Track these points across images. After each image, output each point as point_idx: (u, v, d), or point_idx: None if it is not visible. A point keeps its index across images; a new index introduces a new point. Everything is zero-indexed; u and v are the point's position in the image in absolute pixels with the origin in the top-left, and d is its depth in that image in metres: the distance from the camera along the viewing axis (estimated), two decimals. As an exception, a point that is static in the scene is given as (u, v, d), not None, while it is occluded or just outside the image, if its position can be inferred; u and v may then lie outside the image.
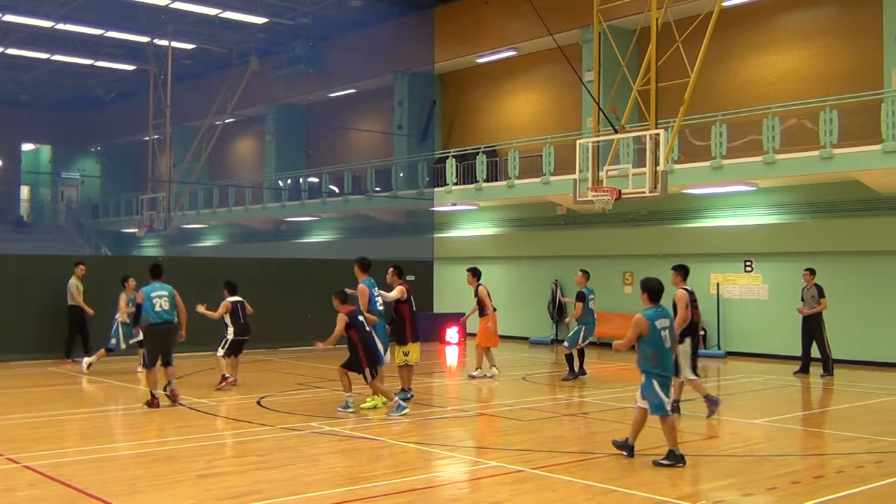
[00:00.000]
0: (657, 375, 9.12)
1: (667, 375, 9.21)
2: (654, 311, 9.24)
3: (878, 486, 8.34)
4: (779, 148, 19.81)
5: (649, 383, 9.13)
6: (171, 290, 13.05)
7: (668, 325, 9.29)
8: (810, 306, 17.45)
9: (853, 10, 21.55)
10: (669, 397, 9.31)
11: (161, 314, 12.88)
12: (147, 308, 12.87)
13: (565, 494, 7.97)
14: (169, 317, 12.95)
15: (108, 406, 13.46)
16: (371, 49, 31.55)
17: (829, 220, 20.61)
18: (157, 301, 12.89)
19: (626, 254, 24.12)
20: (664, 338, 9.17)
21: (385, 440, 10.48)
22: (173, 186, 35.91)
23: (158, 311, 12.84)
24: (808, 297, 17.58)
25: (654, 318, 9.17)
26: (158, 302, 12.89)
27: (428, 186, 28.18)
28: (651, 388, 9.12)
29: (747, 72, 23.44)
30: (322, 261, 25.54)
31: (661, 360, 9.15)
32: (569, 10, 23.57)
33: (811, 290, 17.53)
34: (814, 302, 17.41)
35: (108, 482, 8.38)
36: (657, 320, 9.17)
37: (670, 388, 9.40)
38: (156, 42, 33.41)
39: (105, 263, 25.29)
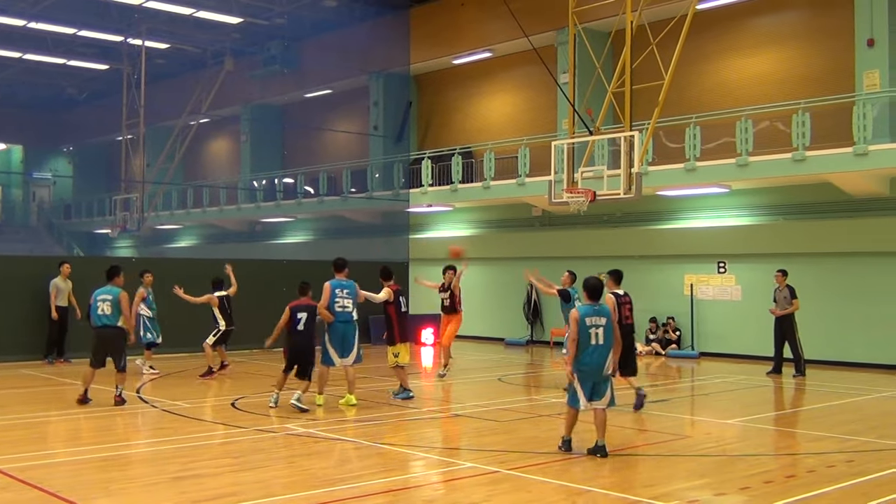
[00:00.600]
0: (577, 369, 9.52)
1: (584, 370, 9.50)
2: (588, 308, 9.62)
3: (848, 485, 8.43)
4: (752, 150, 19.99)
5: (575, 378, 9.58)
6: (115, 295, 12.94)
7: (602, 323, 9.55)
8: (783, 307, 17.62)
9: (825, 14, 21.78)
10: (588, 393, 9.54)
11: (101, 318, 12.86)
12: (92, 311, 12.94)
13: (541, 495, 8.00)
14: (108, 321, 12.86)
15: (81, 408, 13.32)
16: (347, 50, 31.49)
17: (802, 222, 20.81)
18: (100, 304, 12.88)
19: (601, 255, 24.17)
20: (591, 334, 9.49)
21: (361, 442, 10.47)
22: (147, 187, 35.67)
23: (99, 314, 12.84)
24: (780, 298, 17.75)
25: (586, 315, 9.54)
26: (101, 306, 12.87)
27: (403, 187, 28.17)
28: (574, 382, 9.56)
29: (721, 74, 23.62)
30: (297, 262, 25.45)
31: (584, 354, 9.49)
32: (544, 12, 23.65)
33: (783, 291, 17.70)
34: (786, 303, 17.58)
35: (81, 485, 8.32)
36: (588, 317, 9.53)
37: (593, 383, 9.56)
38: (129, 41, 33.19)
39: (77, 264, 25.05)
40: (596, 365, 9.50)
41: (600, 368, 9.52)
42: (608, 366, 9.56)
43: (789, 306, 17.55)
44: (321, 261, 25.34)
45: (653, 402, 13.91)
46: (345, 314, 13.16)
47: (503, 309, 26.18)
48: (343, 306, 13.16)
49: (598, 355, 9.51)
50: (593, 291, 9.72)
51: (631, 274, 23.07)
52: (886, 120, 19.05)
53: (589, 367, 9.50)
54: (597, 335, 9.49)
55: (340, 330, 13.16)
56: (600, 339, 9.49)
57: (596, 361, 9.50)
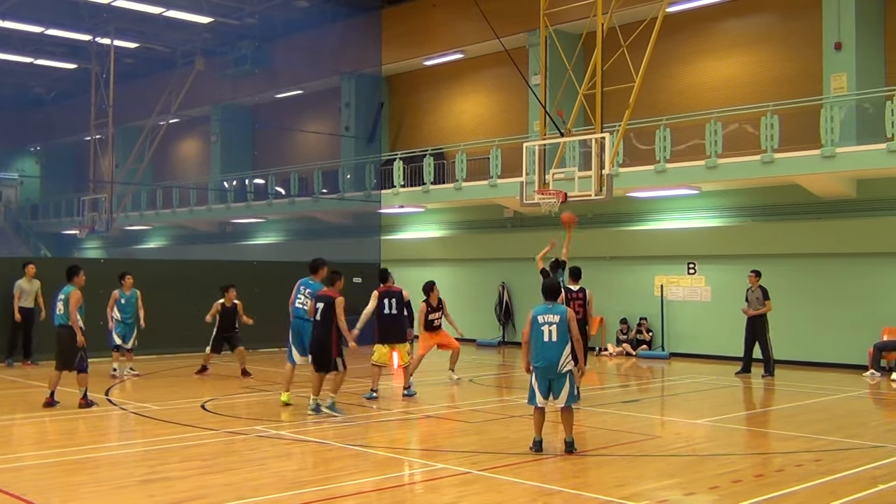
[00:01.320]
0: (532, 367, 9.75)
1: (539, 367, 9.68)
2: (542, 307, 9.81)
3: (817, 483, 8.51)
4: (721, 152, 20.15)
5: (532, 377, 9.79)
6: (67, 293, 12.77)
7: (556, 321, 9.69)
8: (755, 308, 17.77)
9: (793, 18, 22.01)
10: (543, 390, 9.71)
11: (57, 318, 12.83)
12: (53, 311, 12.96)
13: (512, 496, 8.00)
14: (61, 321, 12.78)
15: (48, 411, 13.17)
16: (318, 50, 31.38)
17: (770, 224, 21.00)
18: (57, 304, 12.83)
19: (572, 255, 24.13)
20: (543, 332, 9.67)
21: (332, 443, 10.42)
22: (116, 187, 35.30)
23: (57, 314, 12.80)
24: (752, 298, 17.86)
25: (538, 313, 9.75)
26: (58, 305, 12.82)
27: (375, 188, 28.12)
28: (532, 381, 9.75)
29: (691, 77, 23.79)
30: (268, 263, 25.34)
31: (537, 351, 9.70)
32: (516, 13, 23.70)
33: (756, 291, 17.82)
34: (758, 304, 17.71)
35: (48, 489, 8.22)
36: (541, 315, 9.72)
37: (549, 380, 9.69)
38: (98, 40, 32.84)
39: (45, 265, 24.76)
40: (549, 362, 9.61)
41: (554, 365, 9.59)
42: (563, 363, 9.59)
43: (762, 307, 17.67)
44: (292, 262, 25.31)
45: (624, 402, 13.99)
46: (301, 311, 13.15)
47: (475, 310, 26.20)
48: (303, 303, 13.21)
49: (552, 352, 9.61)
50: (549, 292, 9.95)
51: (601, 275, 23.39)
52: (853, 123, 19.27)
53: (543, 363, 9.64)
54: (550, 332, 9.64)
55: (296, 327, 13.26)
56: (553, 337, 9.63)
57: (549, 358, 9.61)
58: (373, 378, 14.35)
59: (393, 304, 14.26)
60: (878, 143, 18.01)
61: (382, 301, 14.24)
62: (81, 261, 32.54)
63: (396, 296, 14.47)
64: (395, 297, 14.36)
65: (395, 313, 14.28)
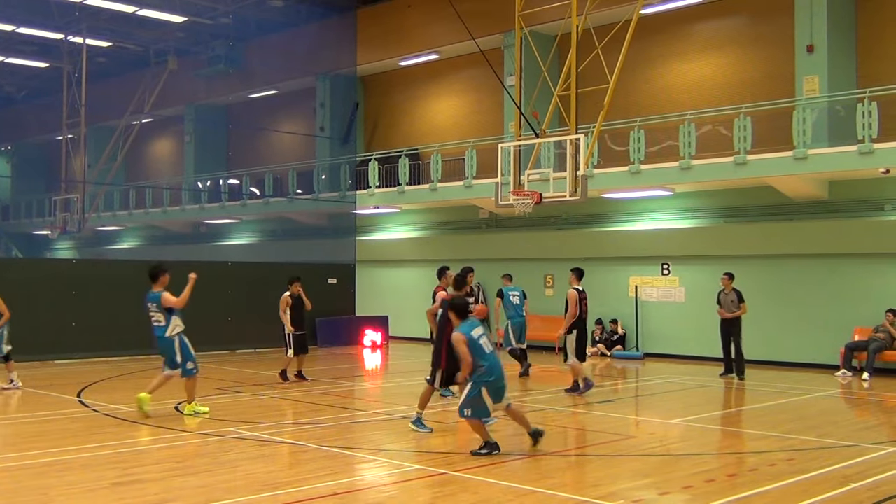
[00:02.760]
0: (485, 382, 9.56)
1: (491, 381, 9.56)
2: (466, 325, 9.79)
3: (790, 482, 8.57)
4: (695, 154, 20.27)
5: (476, 391, 9.57)
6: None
7: (483, 331, 9.82)
8: (729, 310, 17.68)
9: (766, 21, 22.18)
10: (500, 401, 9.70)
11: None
12: None
13: (487, 496, 8.00)
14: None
15: (18, 413, 13.03)
16: (293, 50, 31.27)
17: (743, 225, 21.15)
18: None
19: (548, 257, 24.38)
20: (483, 345, 9.67)
21: (306, 444, 10.38)
22: (88, 187, 34.97)
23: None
24: (726, 301, 17.76)
25: (470, 330, 9.71)
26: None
27: (350, 189, 28.05)
28: (477, 395, 9.54)
29: (665, 79, 23.92)
30: (242, 264, 25.23)
31: (488, 366, 9.61)
32: (491, 15, 23.73)
33: (730, 294, 17.71)
34: (733, 306, 17.60)
35: (18, 491, 8.12)
36: (472, 331, 9.72)
37: (504, 392, 9.69)
38: (70, 39, 32.53)
39: (15, 266, 24.54)
40: (501, 369, 9.69)
41: (502, 370, 9.71)
42: None
43: (737, 309, 17.59)
44: (267, 262, 25.28)
45: (598, 402, 14.04)
46: (156, 328, 12.36)
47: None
48: (157, 320, 12.31)
49: (497, 359, 9.71)
50: (460, 311, 9.99)
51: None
52: (825, 124, 19.45)
53: (497, 373, 9.62)
54: (486, 343, 9.70)
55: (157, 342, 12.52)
56: (488, 347, 9.68)
57: (500, 365, 9.69)
58: None
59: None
60: (850, 144, 18.19)
61: None
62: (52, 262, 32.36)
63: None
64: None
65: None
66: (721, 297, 17.88)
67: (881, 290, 18.97)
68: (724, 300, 17.80)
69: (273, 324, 17.16)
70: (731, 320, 17.63)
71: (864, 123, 17.88)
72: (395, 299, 27.40)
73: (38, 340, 19.43)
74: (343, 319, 25.31)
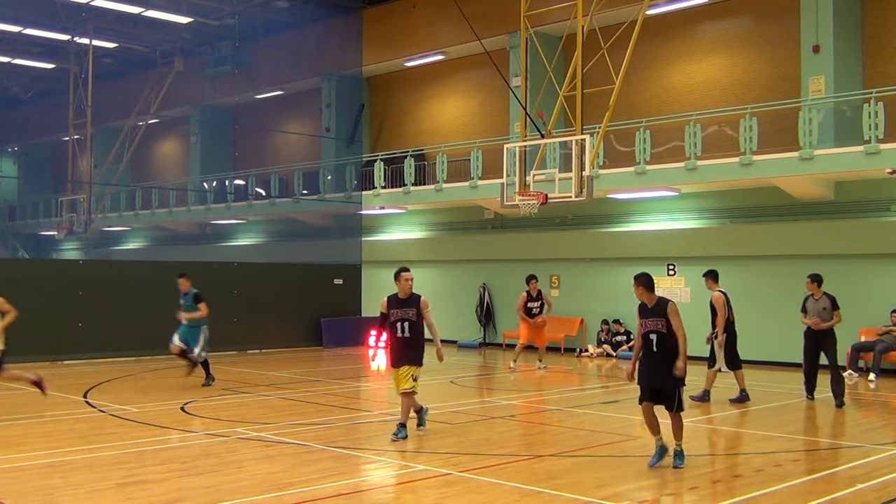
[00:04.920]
0: None
1: None
2: None
3: (795, 483, 8.56)
4: (700, 154, 20.24)
5: None
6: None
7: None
8: (824, 319, 14.32)
9: (772, 21, 22.15)
10: None
11: None
12: None
13: (492, 497, 8.00)
14: None
15: (24, 413, 13.07)
16: (299, 51, 31.30)
17: (749, 225, 21.11)
18: None
19: (553, 257, 24.36)
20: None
21: (312, 445, 10.39)
22: (94, 188, 35.06)
23: None
24: (816, 308, 14.45)
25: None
26: None
27: (356, 190, 28.08)
28: None
29: (670, 79, 23.90)
30: (248, 264, 25.26)
31: None
32: (496, 15, 23.74)
33: (821, 300, 14.42)
34: (826, 314, 14.30)
35: (25, 492, 8.14)
36: None
37: None
38: (76, 40, 32.61)
39: (22, 267, 24.61)
40: None
41: None
42: None
43: (830, 318, 14.33)
44: (273, 263, 25.31)
45: (603, 403, 14.03)
46: None
47: (456, 311, 26.20)
48: None
49: None
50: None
51: (582, 276, 23.47)
52: (831, 125, 19.41)
53: None
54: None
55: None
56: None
57: None
58: None
59: None
60: (856, 145, 18.16)
61: None
62: (59, 262, 32.43)
63: None
64: None
65: None
66: (808, 303, 14.72)
67: (887, 291, 18.92)
68: (812, 307, 14.61)
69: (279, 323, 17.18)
70: (823, 332, 14.38)
71: (870, 124, 17.85)
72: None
73: (45, 341, 19.50)
74: (349, 320, 25.34)
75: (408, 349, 11.00)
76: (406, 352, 11.00)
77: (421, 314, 11.05)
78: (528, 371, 19.12)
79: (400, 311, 11.05)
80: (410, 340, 11.02)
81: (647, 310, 9.69)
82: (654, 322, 9.56)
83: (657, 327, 9.52)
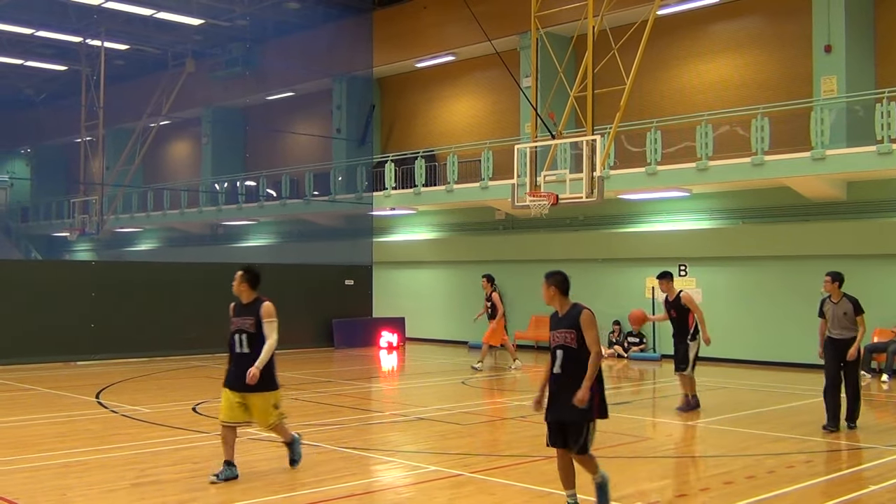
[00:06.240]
0: None
1: None
2: None
3: (808, 485, 8.53)
4: (712, 154, 20.19)
5: None
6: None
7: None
8: (841, 325, 11.86)
9: (783, 21, 22.08)
10: None
11: None
12: None
13: (504, 498, 8.00)
14: None
15: (37, 414, 13.13)
16: (309, 52, 31.37)
17: (761, 226, 21.05)
18: None
19: (564, 258, 24.28)
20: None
21: (323, 446, 10.41)
22: (106, 189, 35.24)
23: None
24: (836, 313, 11.90)
25: None
26: None
27: (367, 191, 28.12)
28: None
29: (681, 79, 23.85)
30: (260, 265, 25.28)
31: None
32: (507, 16, 23.74)
33: (841, 303, 11.95)
34: (847, 322, 11.85)
35: (38, 492, 8.19)
36: None
37: None
38: (88, 42, 32.78)
39: (35, 268, 24.72)
40: None
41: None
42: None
43: (852, 326, 11.78)
44: (284, 264, 25.35)
45: (615, 404, 13.99)
46: None
47: (466, 312, 26.13)
48: None
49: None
50: None
51: (593, 277, 23.42)
52: (843, 125, 19.34)
53: None
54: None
55: None
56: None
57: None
58: None
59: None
60: (868, 145, 18.09)
61: None
62: (71, 263, 32.53)
63: None
64: None
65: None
66: (826, 307, 12.06)
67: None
68: (831, 313, 11.91)
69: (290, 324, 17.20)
70: (845, 343, 11.71)
71: (883, 123, 17.78)
72: (411, 301, 27.42)
73: (58, 342, 19.61)
74: (360, 321, 25.37)
75: (244, 369, 8.58)
76: (242, 372, 8.59)
77: (261, 325, 8.79)
78: (538, 371, 19.12)
79: (238, 321, 8.95)
80: (250, 358, 8.63)
81: (556, 318, 7.46)
82: (563, 334, 7.29)
83: (565, 341, 7.26)
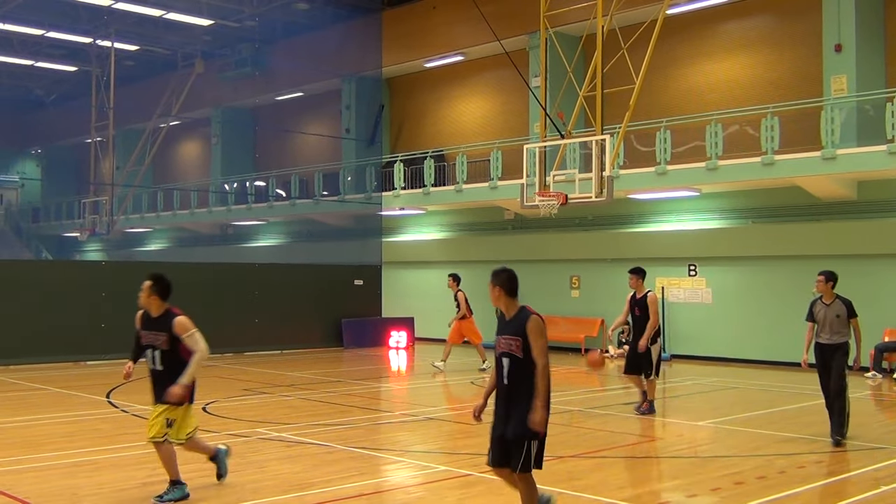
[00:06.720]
0: None
1: None
2: None
3: (819, 485, 8.51)
4: (721, 154, 20.14)
5: None
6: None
7: None
8: (832, 331, 11.29)
9: (793, 20, 22.01)
10: None
11: None
12: None
13: (513, 498, 7.98)
14: None
15: (48, 414, 13.18)
16: (318, 52, 31.40)
17: (771, 225, 20.98)
18: None
19: (573, 258, 24.32)
20: None
21: (333, 445, 10.41)
22: (116, 190, 35.36)
23: None
24: (828, 315, 11.30)
25: None
26: None
27: (376, 191, 28.15)
28: None
29: (691, 79, 23.79)
30: (269, 265, 25.36)
31: None
32: (516, 16, 23.72)
33: (833, 305, 11.37)
34: (839, 325, 11.23)
35: (49, 491, 8.21)
36: None
37: None
38: (98, 43, 32.88)
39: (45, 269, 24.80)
40: None
41: None
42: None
43: (845, 330, 11.12)
44: (293, 264, 25.39)
45: (625, 404, 13.98)
46: None
47: (476, 312, 26.12)
48: None
49: None
50: None
51: (602, 277, 23.39)
52: (854, 124, 19.26)
53: None
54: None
55: None
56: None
57: None
58: None
59: None
60: (879, 144, 18.01)
61: None
62: (81, 263, 32.64)
63: None
64: None
65: None
66: (816, 308, 11.37)
67: (911, 291, 18.75)
68: (822, 315, 11.22)
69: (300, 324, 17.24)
70: (833, 348, 11.04)
71: (894, 123, 17.70)
72: (420, 300, 27.41)
73: (68, 342, 19.67)
74: (369, 321, 25.39)
75: (162, 386, 8.12)
76: (160, 389, 8.15)
77: (176, 340, 8.19)
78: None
79: (148, 336, 8.43)
80: (167, 374, 8.09)
81: (503, 322, 6.76)
82: (508, 341, 6.63)
83: (510, 349, 6.63)
